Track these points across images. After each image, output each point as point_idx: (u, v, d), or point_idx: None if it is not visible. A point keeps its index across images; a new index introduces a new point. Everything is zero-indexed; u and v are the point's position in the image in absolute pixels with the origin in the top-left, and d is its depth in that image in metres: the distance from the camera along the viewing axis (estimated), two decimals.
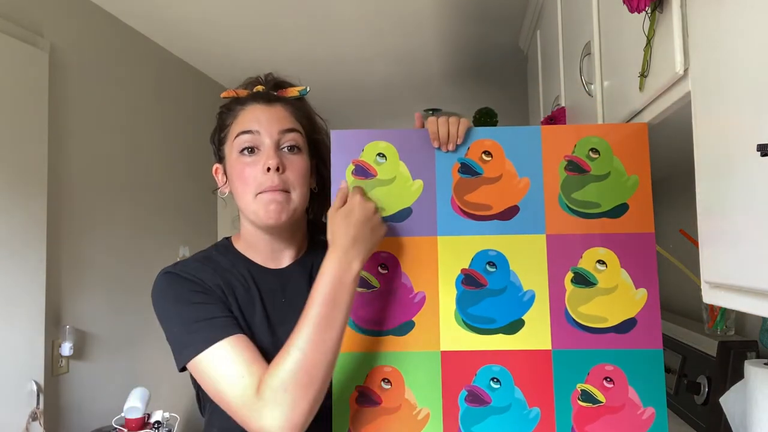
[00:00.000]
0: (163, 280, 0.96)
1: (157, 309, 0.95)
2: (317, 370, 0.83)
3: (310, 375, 0.82)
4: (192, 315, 0.91)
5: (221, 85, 3.50)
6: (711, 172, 0.69)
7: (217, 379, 0.86)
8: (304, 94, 1.05)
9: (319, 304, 0.85)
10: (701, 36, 0.70)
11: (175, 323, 0.92)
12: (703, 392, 1.22)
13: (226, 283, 0.97)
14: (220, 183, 1.05)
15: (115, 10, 2.50)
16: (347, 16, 2.60)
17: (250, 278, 0.99)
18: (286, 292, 1.00)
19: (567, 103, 1.52)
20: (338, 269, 0.86)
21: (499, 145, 0.96)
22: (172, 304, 0.93)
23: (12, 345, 1.86)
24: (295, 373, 0.82)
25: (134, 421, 2.08)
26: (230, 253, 1.03)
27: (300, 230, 1.05)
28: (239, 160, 0.97)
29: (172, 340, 0.92)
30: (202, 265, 0.98)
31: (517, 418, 0.91)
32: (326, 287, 0.86)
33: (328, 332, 0.84)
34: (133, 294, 2.56)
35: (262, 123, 0.97)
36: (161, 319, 0.94)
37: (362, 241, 0.88)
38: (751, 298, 0.61)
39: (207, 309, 0.91)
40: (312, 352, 0.83)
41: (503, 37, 2.87)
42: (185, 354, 0.89)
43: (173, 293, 0.94)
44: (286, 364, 0.82)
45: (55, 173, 2.12)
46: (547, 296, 0.93)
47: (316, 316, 0.84)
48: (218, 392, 0.86)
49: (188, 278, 0.95)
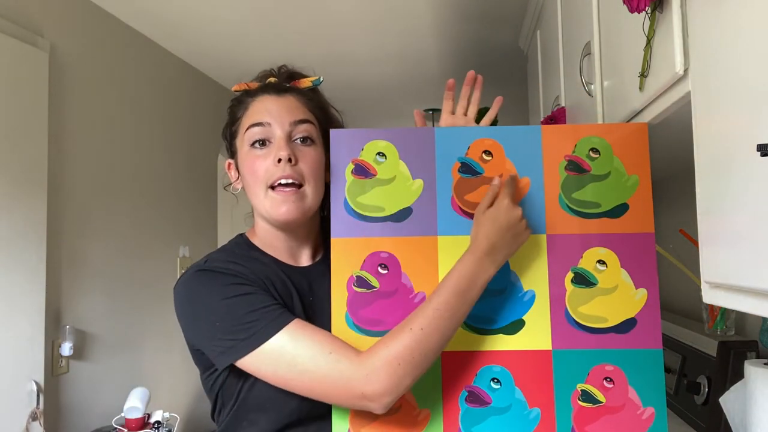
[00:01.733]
0: (199, 277, 0.90)
1: (191, 315, 0.90)
2: (432, 352, 0.84)
3: (424, 356, 0.83)
4: (245, 306, 0.86)
5: (221, 85, 3.50)
6: (711, 172, 0.69)
7: (297, 360, 0.83)
8: (318, 84, 1.02)
9: (449, 293, 0.85)
10: (701, 36, 0.70)
11: (222, 320, 0.86)
12: (703, 392, 1.22)
13: (263, 274, 0.93)
14: (233, 179, 1.02)
15: (115, 10, 2.50)
16: (347, 16, 2.60)
17: (281, 273, 0.96)
18: (312, 291, 0.99)
19: (567, 103, 1.52)
20: (474, 270, 0.86)
21: (500, 145, 0.96)
22: (216, 300, 0.87)
23: (12, 345, 1.86)
24: (413, 350, 0.82)
25: (134, 421, 2.08)
26: (252, 249, 0.99)
27: (315, 228, 1.03)
28: (250, 153, 0.95)
29: (215, 338, 0.86)
30: (233, 260, 0.93)
31: (517, 419, 0.91)
32: (459, 280, 0.86)
33: (451, 321, 0.85)
34: (133, 294, 2.56)
35: (273, 114, 0.95)
36: (199, 318, 0.88)
37: (502, 247, 0.88)
38: (751, 298, 0.61)
39: (259, 298, 0.87)
40: (432, 336, 0.83)
41: (503, 37, 2.87)
42: (240, 348, 0.84)
43: (213, 292, 0.88)
44: (405, 340, 0.82)
45: (55, 173, 2.12)
46: (548, 296, 0.93)
47: (444, 303, 0.85)
48: (301, 373, 0.83)
49: (227, 272, 0.90)
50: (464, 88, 1.14)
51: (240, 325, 0.85)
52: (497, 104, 1.16)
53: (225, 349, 0.86)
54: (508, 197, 0.89)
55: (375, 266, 0.94)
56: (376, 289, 0.94)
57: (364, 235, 0.95)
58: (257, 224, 1.01)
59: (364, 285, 0.94)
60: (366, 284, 0.94)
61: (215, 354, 0.87)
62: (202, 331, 0.89)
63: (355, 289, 0.94)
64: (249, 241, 1.01)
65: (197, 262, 0.94)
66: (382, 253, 0.95)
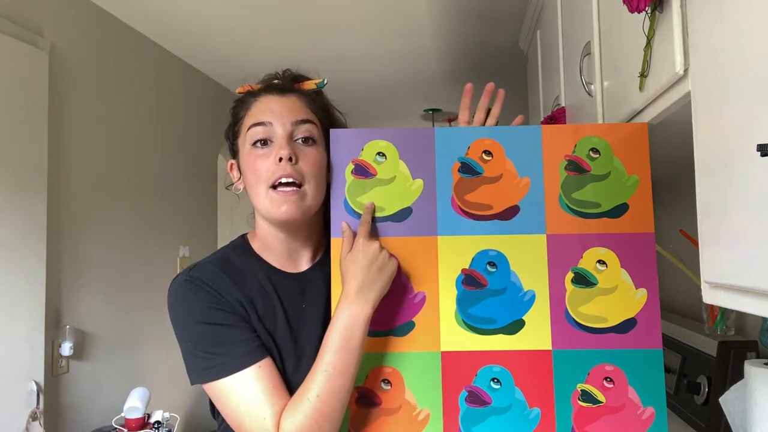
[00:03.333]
0: (181, 290, 0.93)
1: (173, 320, 0.93)
2: (335, 414, 0.86)
3: (328, 418, 0.85)
4: (212, 337, 0.89)
5: (221, 86, 3.50)
6: (711, 172, 0.69)
7: (237, 407, 0.87)
8: (322, 87, 1.02)
9: (332, 352, 0.86)
10: (701, 36, 0.70)
11: (193, 342, 0.90)
12: (703, 392, 1.22)
13: (245, 294, 0.94)
14: (235, 179, 1.03)
15: (115, 10, 2.50)
16: (347, 16, 2.60)
17: (269, 284, 0.96)
18: (305, 297, 0.98)
19: (567, 103, 1.52)
20: (349, 317, 0.87)
21: (500, 145, 0.96)
22: (190, 322, 0.91)
23: (12, 345, 1.86)
24: (315, 418, 0.84)
25: (134, 421, 2.08)
26: (248, 254, 0.99)
27: (317, 228, 1.03)
28: (252, 153, 0.95)
29: (188, 356, 0.91)
30: (220, 271, 0.94)
31: (517, 419, 0.91)
32: (339, 335, 0.87)
33: (343, 379, 0.86)
34: (133, 294, 2.56)
35: (275, 114, 0.95)
36: (178, 331, 0.92)
37: (370, 284, 0.88)
38: (751, 298, 0.61)
39: (229, 332, 0.90)
40: (329, 399, 0.85)
41: (503, 37, 2.87)
42: (203, 375, 0.89)
43: (192, 309, 0.91)
44: (305, 411, 0.84)
45: (55, 173, 2.12)
46: (548, 296, 0.93)
47: (330, 365, 0.86)
48: (237, 421, 0.87)
49: (207, 291, 0.91)
50: (482, 100, 1.11)
51: (205, 353, 0.89)
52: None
53: (191, 369, 0.91)
54: (362, 235, 0.91)
55: None
56: None
57: None
58: (258, 225, 1.01)
59: None
60: None
61: (186, 368, 0.92)
62: (180, 344, 0.93)
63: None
64: (248, 244, 1.01)
65: (190, 267, 0.96)
66: None
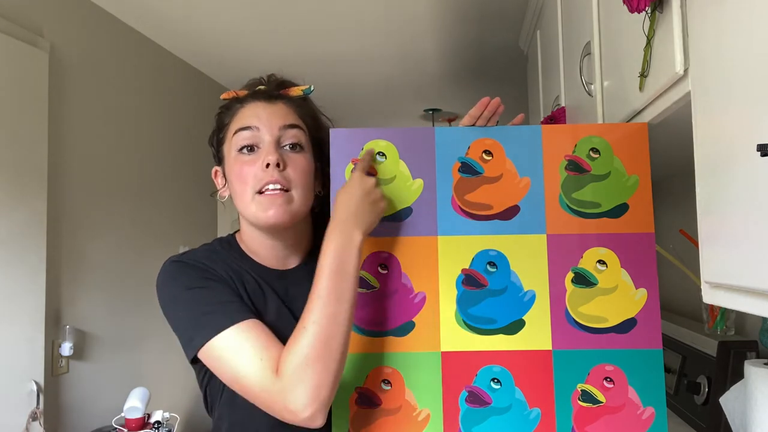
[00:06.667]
0: (172, 267, 0.93)
1: (163, 297, 0.92)
2: (335, 341, 0.82)
3: (329, 348, 0.81)
4: (203, 299, 0.88)
5: (221, 85, 3.50)
6: (711, 172, 0.69)
7: (234, 363, 0.83)
8: (309, 93, 1.01)
9: (326, 277, 0.84)
10: (701, 36, 0.70)
11: (184, 309, 0.89)
12: (703, 392, 1.22)
13: (236, 273, 0.94)
14: (219, 186, 1.02)
15: (115, 10, 2.50)
16: (347, 16, 2.60)
17: (253, 277, 0.97)
18: (288, 295, 0.98)
19: (567, 103, 1.52)
20: (340, 240, 0.86)
21: (500, 145, 0.96)
22: (181, 290, 0.90)
23: (12, 345, 1.86)
24: (315, 347, 0.81)
25: (134, 421, 2.08)
26: (234, 250, 1.00)
27: (305, 236, 1.02)
28: (238, 159, 0.94)
29: (181, 328, 0.89)
30: (210, 256, 0.96)
31: (517, 419, 0.91)
32: (331, 259, 0.85)
33: (340, 304, 0.84)
34: (133, 294, 2.56)
35: (261, 119, 0.94)
36: (168, 306, 0.91)
37: (362, 213, 0.88)
38: (751, 298, 0.61)
39: (219, 293, 0.89)
40: (328, 325, 0.82)
41: (503, 37, 2.87)
42: (197, 340, 0.86)
43: (183, 279, 0.91)
44: (303, 340, 0.81)
45: (55, 173, 2.12)
46: (548, 296, 0.93)
47: (325, 289, 0.84)
48: (236, 377, 0.84)
49: (198, 265, 0.92)
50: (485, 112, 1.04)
51: (199, 316, 0.87)
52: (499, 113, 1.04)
53: (187, 341, 0.88)
54: (360, 170, 0.91)
55: (375, 266, 0.94)
56: (376, 289, 0.94)
57: None
58: (244, 231, 1.00)
59: (364, 285, 0.94)
60: (366, 284, 0.94)
61: (183, 346, 0.90)
62: (172, 321, 0.91)
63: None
64: (235, 242, 1.01)
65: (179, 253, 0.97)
66: (383, 253, 0.95)
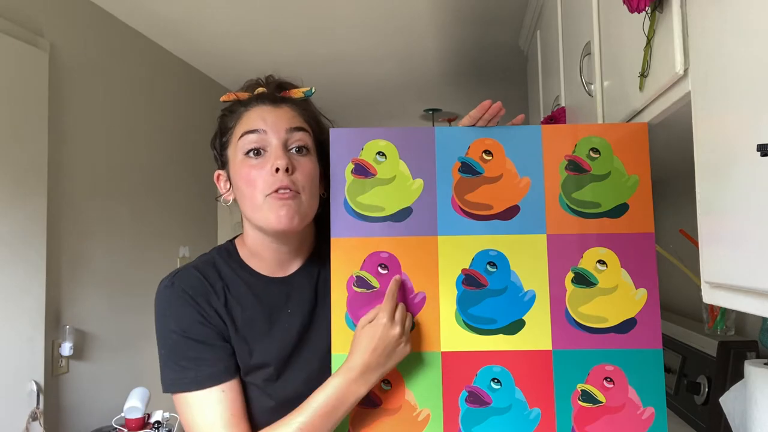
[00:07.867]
0: (164, 296, 0.94)
1: (155, 324, 0.94)
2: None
3: None
4: (184, 350, 0.91)
5: (221, 86, 3.50)
6: (711, 172, 0.69)
7: (194, 425, 0.89)
8: (310, 95, 1.00)
9: (315, 413, 0.85)
10: (701, 36, 0.70)
11: (166, 351, 0.92)
12: (703, 392, 1.22)
13: (225, 304, 0.94)
14: (223, 190, 1.00)
15: (115, 10, 2.50)
16: (347, 16, 2.60)
17: (251, 293, 0.96)
18: (290, 302, 0.98)
19: (567, 103, 1.52)
20: (345, 392, 0.87)
21: (500, 145, 0.96)
22: (167, 332, 0.92)
23: (12, 345, 1.86)
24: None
25: (134, 421, 2.07)
26: (233, 260, 0.99)
27: (308, 240, 1.02)
28: (245, 163, 0.92)
29: (161, 362, 0.93)
30: (203, 278, 0.95)
31: (517, 419, 0.91)
32: (328, 401, 0.86)
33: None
34: (133, 294, 2.56)
35: (268, 122, 0.93)
36: (156, 334, 0.94)
37: (376, 367, 0.87)
38: (751, 298, 0.61)
39: (200, 348, 0.91)
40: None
41: (503, 37, 2.87)
42: (167, 384, 0.91)
43: (170, 320, 0.92)
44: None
45: (55, 173, 2.12)
46: (548, 296, 0.93)
47: (308, 424, 0.85)
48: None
49: (186, 300, 0.92)
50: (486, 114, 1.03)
51: (175, 364, 0.91)
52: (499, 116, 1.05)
53: (162, 377, 0.93)
54: (387, 314, 0.87)
55: (375, 266, 0.94)
56: (376, 289, 0.94)
57: (364, 235, 0.95)
58: (247, 235, 0.99)
59: (364, 285, 0.94)
60: (366, 284, 0.94)
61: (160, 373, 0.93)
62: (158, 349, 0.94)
63: (355, 290, 0.94)
64: (234, 250, 1.00)
65: (175, 271, 0.98)
66: (382, 253, 0.95)
